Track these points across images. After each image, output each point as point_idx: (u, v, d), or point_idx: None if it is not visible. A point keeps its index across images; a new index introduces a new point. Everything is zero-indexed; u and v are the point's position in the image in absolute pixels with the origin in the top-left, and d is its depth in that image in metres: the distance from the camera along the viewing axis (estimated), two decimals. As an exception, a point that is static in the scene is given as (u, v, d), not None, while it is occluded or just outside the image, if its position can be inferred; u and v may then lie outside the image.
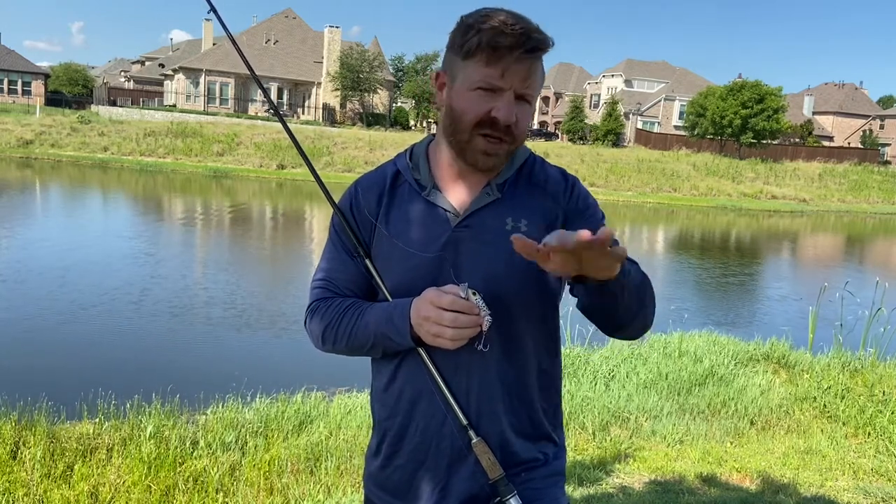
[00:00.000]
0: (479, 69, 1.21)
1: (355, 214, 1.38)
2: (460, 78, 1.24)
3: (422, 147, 1.40)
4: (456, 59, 1.25)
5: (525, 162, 1.38)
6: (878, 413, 5.11)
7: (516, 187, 1.35)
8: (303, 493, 3.64)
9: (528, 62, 1.21)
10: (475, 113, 1.23)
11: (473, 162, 1.28)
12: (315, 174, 1.51)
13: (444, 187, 1.34)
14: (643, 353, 6.53)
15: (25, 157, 29.89)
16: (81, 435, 4.12)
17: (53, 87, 62.20)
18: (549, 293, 1.35)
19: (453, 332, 1.18)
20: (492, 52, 1.19)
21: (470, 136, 1.25)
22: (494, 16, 1.20)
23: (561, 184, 1.38)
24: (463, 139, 1.26)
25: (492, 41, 1.18)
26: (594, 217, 1.39)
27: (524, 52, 1.19)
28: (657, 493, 3.69)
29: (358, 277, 1.37)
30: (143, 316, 8.69)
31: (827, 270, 17.38)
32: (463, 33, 1.22)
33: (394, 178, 1.37)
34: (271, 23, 53.32)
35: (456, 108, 1.26)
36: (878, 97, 79.99)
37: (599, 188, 33.70)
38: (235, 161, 32.09)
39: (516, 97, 1.22)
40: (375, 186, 1.38)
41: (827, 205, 38.14)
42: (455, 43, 1.24)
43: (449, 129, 1.29)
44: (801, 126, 57.16)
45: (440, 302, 1.19)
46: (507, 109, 1.22)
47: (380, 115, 50.77)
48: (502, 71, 1.20)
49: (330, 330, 1.35)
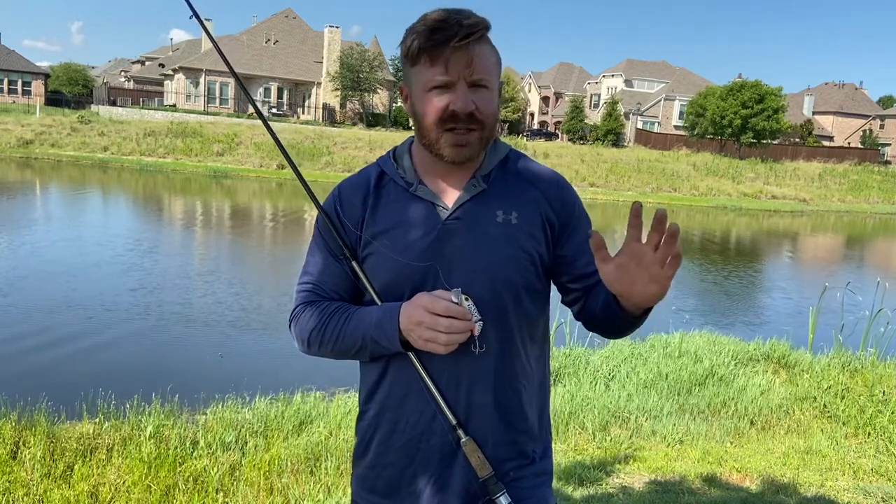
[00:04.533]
0: (425, 71, 1.25)
1: (340, 215, 1.38)
2: (414, 84, 1.29)
3: (404, 147, 1.42)
4: (407, 68, 1.30)
5: (507, 156, 1.40)
6: (878, 413, 5.11)
7: (503, 180, 1.36)
8: (303, 493, 3.64)
9: (468, 49, 1.23)
10: (434, 112, 1.26)
11: (449, 157, 1.30)
12: (299, 175, 1.51)
13: (429, 183, 1.35)
14: (643, 353, 6.54)
15: (25, 157, 29.89)
16: (81, 435, 4.12)
17: (53, 87, 62.17)
18: (538, 287, 1.36)
19: (447, 338, 1.20)
20: (431, 51, 1.23)
21: (437, 135, 1.27)
22: (428, 16, 1.25)
23: (553, 187, 1.39)
24: (432, 139, 1.29)
25: (428, 41, 1.23)
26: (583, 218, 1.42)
27: (459, 40, 1.21)
28: (657, 493, 3.69)
29: (344, 280, 1.38)
30: (143, 316, 8.69)
31: (827, 270, 17.38)
32: (405, 42, 1.27)
33: (378, 178, 1.38)
34: (271, 23, 53.31)
35: (418, 113, 1.30)
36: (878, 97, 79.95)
37: (599, 188, 33.71)
38: (235, 161, 32.10)
39: (470, 85, 1.25)
40: (359, 189, 1.38)
41: (827, 205, 38.13)
42: (402, 53, 1.29)
43: (419, 134, 1.33)
44: (801, 126, 57.17)
45: (434, 308, 1.20)
46: (462, 99, 1.24)
47: (380, 115, 50.75)
48: (445, 65, 1.23)
49: (316, 334, 1.35)
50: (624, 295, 1.17)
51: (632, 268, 1.13)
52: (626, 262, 1.13)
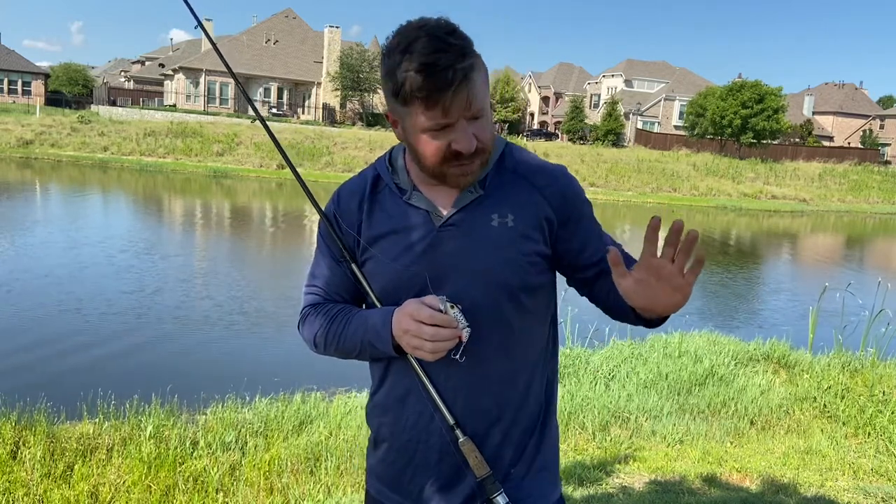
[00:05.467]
0: (420, 114, 1.18)
1: (339, 220, 1.38)
2: (407, 122, 1.22)
3: (400, 150, 1.39)
4: (396, 104, 1.21)
5: (502, 153, 1.36)
6: (878, 413, 5.11)
7: (499, 181, 1.33)
8: (303, 493, 3.64)
9: (465, 89, 1.16)
10: (436, 154, 1.21)
11: (453, 186, 1.28)
12: (300, 179, 1.51)
13: (424, 189, 1.33)
14: (643, 353, 6.53)
15: (25, 157, 29.88)
16: (81, 435, 4.12)
17: (53, 87, 62.14)
18: (539, 284, 1.34)
19: (432, 346, 1.20)
20: (427, 99, 1.15)
21: (440, 171, 1.25)
22: (414, 54, 1.13)
23: (551, 182, 1.35)
24: (435, 174, 1.26)
25: (421, 89, 1.14)
26: (588, 213, 1.39)
27: (458, 86, 1.15)
28: (657, 493, 3.69)
29: (346, 282, 1.39)
30: (143, 316, 8.69)
31: (827, 270, 17.38)
32: (392, 81, 1.18)
33: (374, 182, 1.37)
34: (271, 23, 53.31)
35: (416, 150, 1.24)
36: (878, 97, 79.87)
37: (599, 188, 33.71)
38: (235, 161, 32.09)
39: (468, 119, 1.20)
40: (356, 193, 1.38)
41: (827, 205, 38.13)
42: (389, 90, 1.20)
43: (417, 163, 1.27)
44: (801, 126, 57.15)
45: (419, 316, 1.20)
46: (465, 140, 1.20)
47: (380, 115, 50.71)
48: (443, 110, 1.16)
49: (320, 336, 1.38)
50: (646, 309, 1.17)
51: (651, 282, 1.12)
52: (644, 276, 1.12)
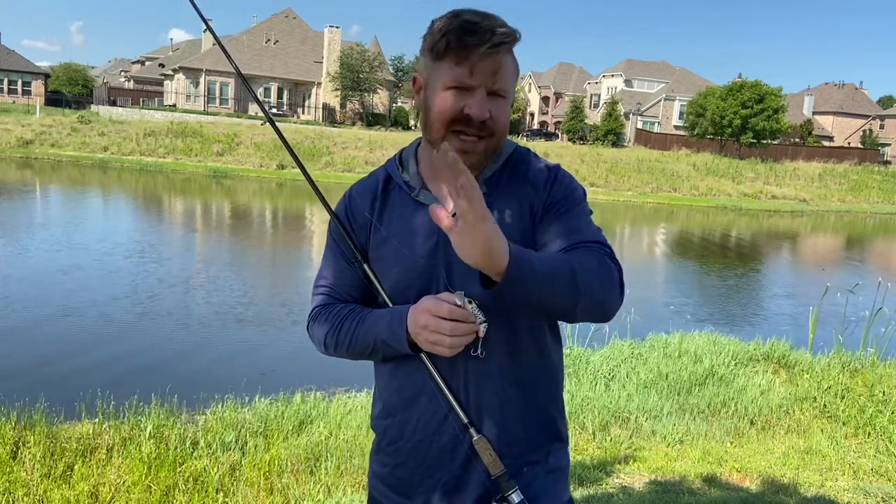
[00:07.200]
0: (449, 69, 1.24)
1: (351, 220, 1.40)
2: (433, 79, 1.27)
3: (410, 150, 1.42)
4: (428, 61, 1.28)
5: (511, 155, 1.39)
6: (878, 413, 5.11)
7: (502, 181, 1.36)
8: (303, 493, 3.64)
9: (496, 57, 1.22)
10: (448, 111, 1.25)
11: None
12: (310, 181, 1.52)
13: (433, 188, 1.35)
14: (643, 353, 6.54)
15: (25, 157, 29.88)
16: (81, 435, 4.12)
17: (53, 87, 62.15)
18: None
19: (451, 341, 1.20)
20: (459, 52, 1.21)
21: (444, 134, 1.27)
22: (461, 16, 1.23)
23: (544, 174, 1.37)
24: (438, 137, 1.28)
25: (458, 41, 1.21)
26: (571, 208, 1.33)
27: (490, 47, 1.20)
28: (657, 493, 3.69)
29: (357, 283, 1.40)
30: (143, 316, 8.69)
31: (827, 271, 17.38)
32: (432, 36, 1.25)
33: (385, 182, 1.40)
34: (271, 23, 53.30)
35: (430, 109, 1.28)
36: (878, 97, 79.85)
37: (599, 188, 33.71)
38: (235, 161, 32.09)
39: (489, 93, 1.24)
40: (368, 192, 1.40)
41: (827, 205, 38.13)
42: (426, 46, 1.27)
43: (426, 129, 1.32)
44: (801, 126, 57.15)
45: (438, 311, 1.21)
46: (479, 106, 1.23)
47: (380, 115, 50.76)
48: (471, 69, 1.22)
49: (331, 336, 1.38)
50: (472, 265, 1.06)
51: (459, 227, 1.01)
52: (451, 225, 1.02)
